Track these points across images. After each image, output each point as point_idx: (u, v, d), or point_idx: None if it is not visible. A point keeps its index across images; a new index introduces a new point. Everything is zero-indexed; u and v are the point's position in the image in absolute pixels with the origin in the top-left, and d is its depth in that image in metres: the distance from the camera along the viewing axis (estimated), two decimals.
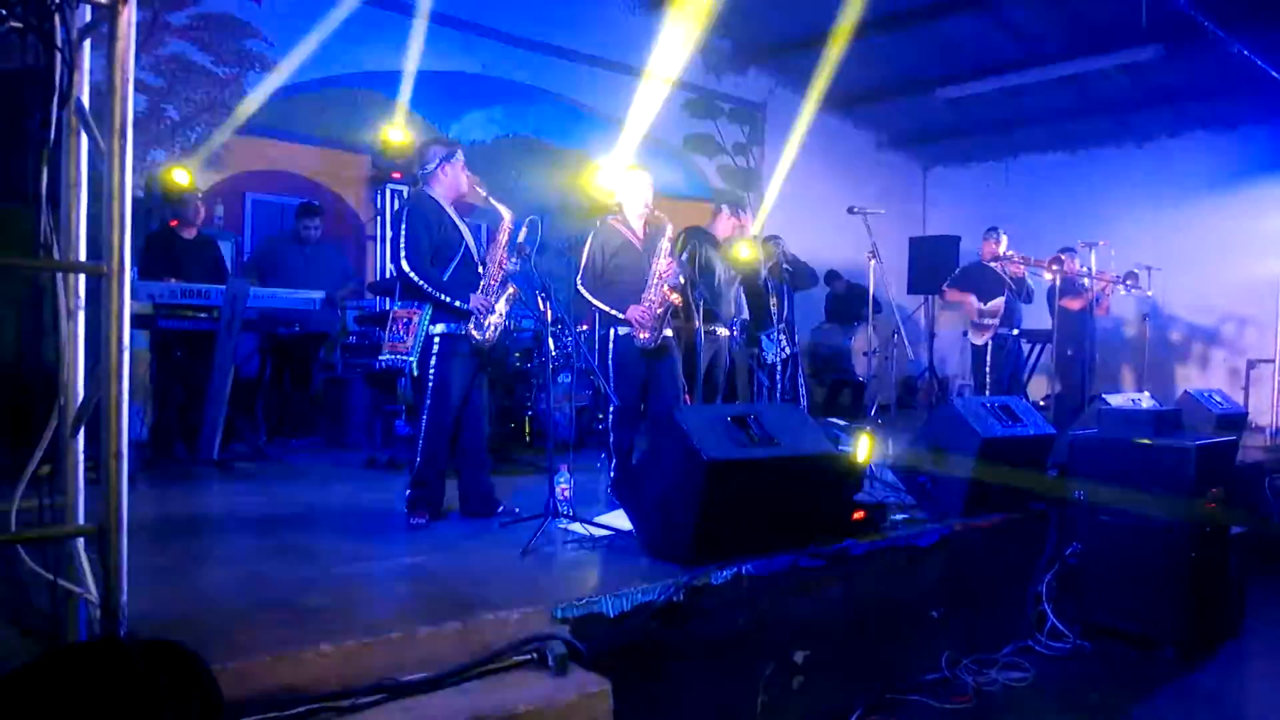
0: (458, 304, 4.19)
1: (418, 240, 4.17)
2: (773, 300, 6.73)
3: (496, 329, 4.33)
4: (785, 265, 7.36)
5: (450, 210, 4.38)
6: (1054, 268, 7.49)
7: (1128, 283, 8.16)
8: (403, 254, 4.15)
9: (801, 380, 7.58)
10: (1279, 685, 4.55)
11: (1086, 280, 7.76)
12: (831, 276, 10.00)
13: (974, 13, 8.69)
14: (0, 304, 4.27)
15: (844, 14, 9.08)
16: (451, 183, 4.39)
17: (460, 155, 4.41)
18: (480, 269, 4.38)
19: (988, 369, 7.77)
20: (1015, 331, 8.01)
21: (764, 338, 6.86)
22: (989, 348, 7.81)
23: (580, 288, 4.89)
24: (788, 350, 6.96)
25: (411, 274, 4.14)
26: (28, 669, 1.66)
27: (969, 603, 4.37)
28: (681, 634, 3.19)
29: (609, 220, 5.04)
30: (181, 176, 6.43)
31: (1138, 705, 4.06)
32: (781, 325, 6.77)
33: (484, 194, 4.39)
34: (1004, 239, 7.97)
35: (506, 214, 4.35)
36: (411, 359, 4.17)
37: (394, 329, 4.28)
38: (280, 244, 6.98)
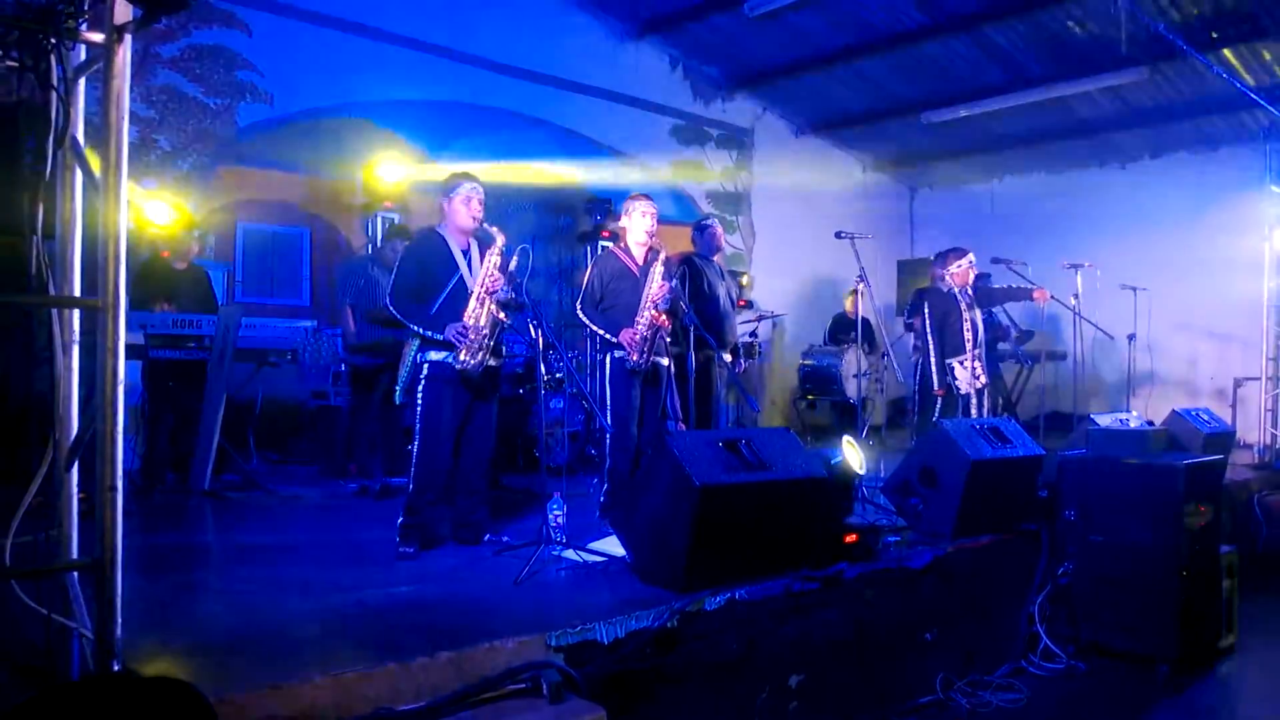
0: (433, 335, 4.24)
1: (402, 277, 4.38)
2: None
3: (482, 354, 4.25)
4: None
5: (453, 244, 4.41)
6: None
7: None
8: (389, 291, 4.37)
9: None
10: (1272, 703, 4.56)
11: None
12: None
13: (958, 37, 8.83)
14: None
15: (830, 40, 9.23)
16: (451, 217, 4.42)
17: (463, 188, 4.38)
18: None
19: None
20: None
21: (957, 364, 6.52)
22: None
23: (579, 312, 4.95)
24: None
25: (392, 309, 4.33)
26: (24, 706, 1.66)
27: (962, 624, 4.38)
28: (676, 660, 3.19)
29: (609, 248, 5.11)
30: (174, 213, 6.43)
31: None
32: (977, 352, 6.51)
33: (478, 222, 4.40)
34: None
35: (499, 237, 4.38)
36: (398, 387, 4.37)
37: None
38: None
